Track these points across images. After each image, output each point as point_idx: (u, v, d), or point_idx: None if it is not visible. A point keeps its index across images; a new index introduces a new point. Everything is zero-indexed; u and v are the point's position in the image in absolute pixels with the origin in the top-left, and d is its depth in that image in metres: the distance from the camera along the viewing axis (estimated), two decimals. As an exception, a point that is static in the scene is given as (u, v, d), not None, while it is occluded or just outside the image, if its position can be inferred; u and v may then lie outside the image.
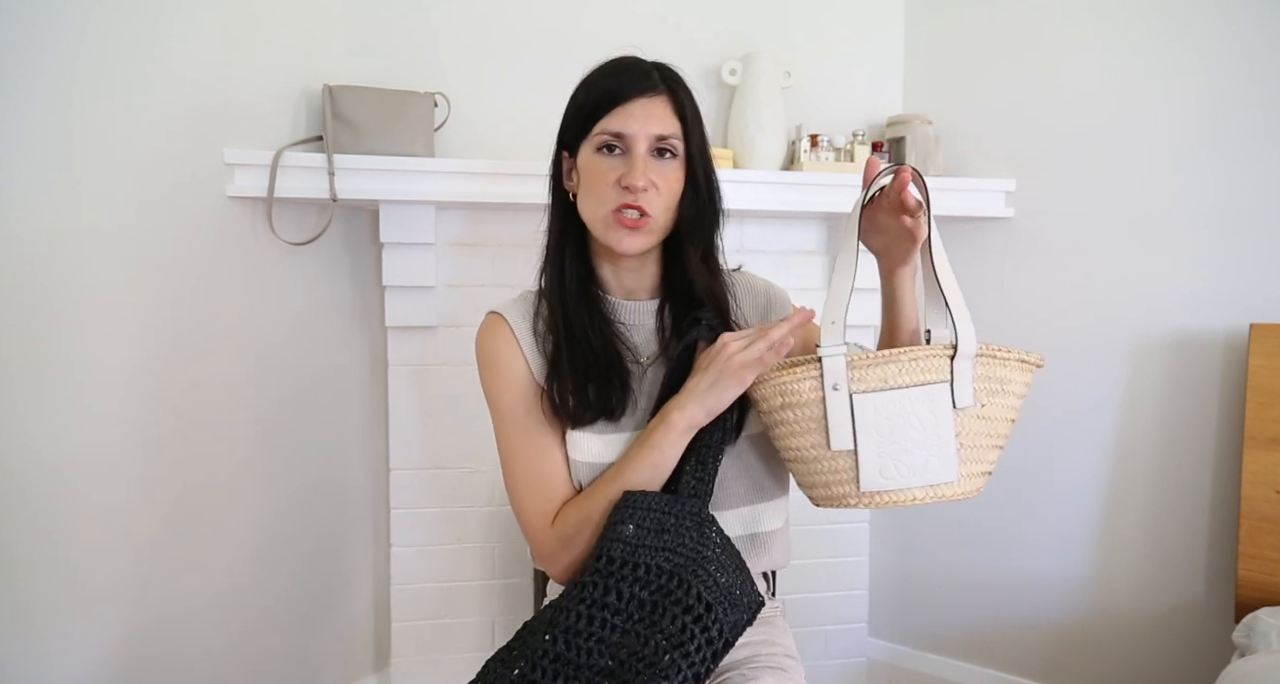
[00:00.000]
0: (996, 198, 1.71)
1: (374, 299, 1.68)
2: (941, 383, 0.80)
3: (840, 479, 0.82)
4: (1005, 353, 0.82)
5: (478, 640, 1.69)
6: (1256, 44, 1.46)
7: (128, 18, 1.27)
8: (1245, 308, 1.47)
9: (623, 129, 0.89)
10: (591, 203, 0.91)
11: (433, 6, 1.64)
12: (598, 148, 0.90)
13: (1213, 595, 1.52)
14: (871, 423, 0.80)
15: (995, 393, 0.82)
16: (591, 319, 0.94)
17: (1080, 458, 1.66)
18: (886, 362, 0.79)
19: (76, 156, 1.21)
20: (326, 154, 1.45)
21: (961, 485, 0.82)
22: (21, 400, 1.17)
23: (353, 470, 1.69)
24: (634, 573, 0.81)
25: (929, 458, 0.80)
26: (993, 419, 0.82)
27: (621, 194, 0.89)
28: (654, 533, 0.83)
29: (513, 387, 0.94)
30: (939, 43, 1.81)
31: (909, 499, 0.81)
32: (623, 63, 0.93)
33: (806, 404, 0.81)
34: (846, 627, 1.85)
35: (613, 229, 0.90)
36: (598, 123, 0.90)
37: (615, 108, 0.89)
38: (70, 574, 1.24)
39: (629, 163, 0.89)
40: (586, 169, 0.91)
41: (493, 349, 0.96)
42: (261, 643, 1.54)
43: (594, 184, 0.90)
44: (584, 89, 0.93)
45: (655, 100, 0.90)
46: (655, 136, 0.90)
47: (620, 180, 0.89)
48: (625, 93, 0.89)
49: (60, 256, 1.20)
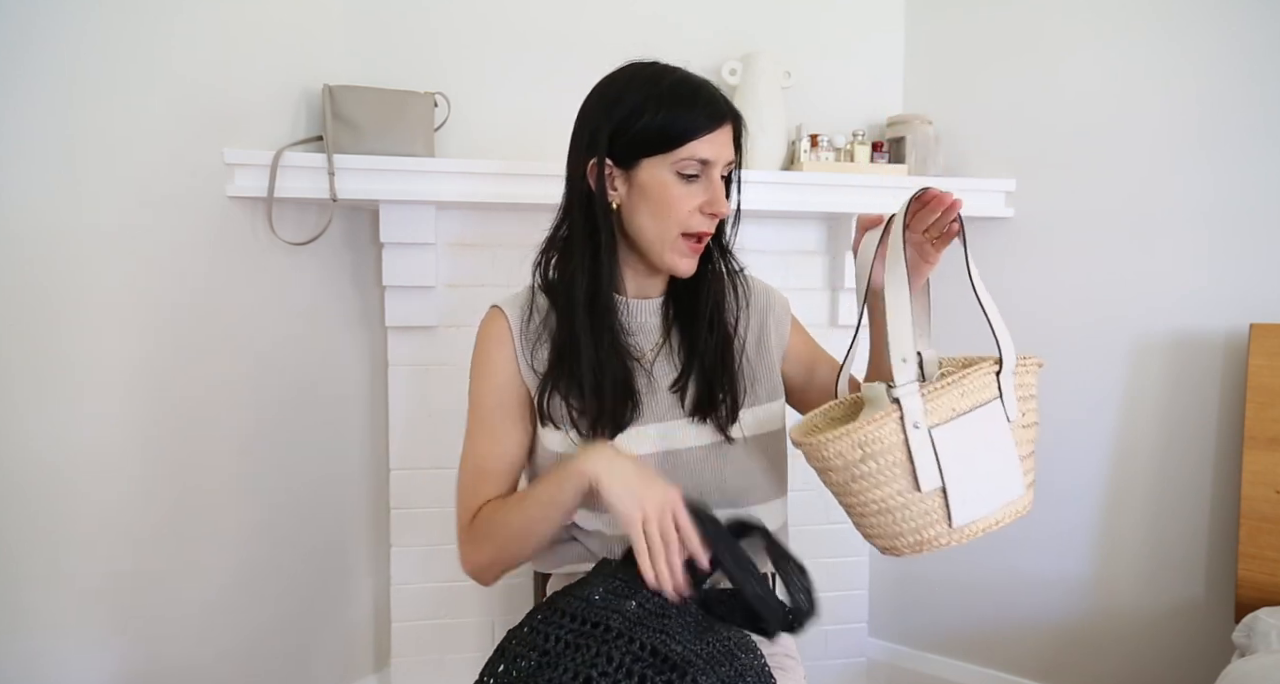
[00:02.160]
0: (996, 198, 1.71)
1: (374, 299, 1.68)
2: (994, 400, 0.80)
3: (931, 520, 0.79)
4: (1027, 360, 0.83)
5: (478, 640, 1.69)
6: (1257, 44, 1.46)
7: (128, 18, 1.26)
8: (1245, 308, 1.47)
9: (711, 157, 0.89)
10: (660, 223, 0.91)
11: (433, 6, 1.64)
12: (679, 172, 0.89)
13: (1213, 595, 1.52)
14: (954, 454, 0.78)
15: (1025, 399, 0.83)
16: (602, 328, 0.93)
17: (1080, 458, 1.66)
18: (948, 389, 0.78)
19: (76, 156, 1.21)
20: (326, 154, 1.45)
21: (1026, 498, 0.82)
22: (21, 400, 1.17)
23: (353, 470, 1.69)
24: (628, 646, 0.76)
25: (1001, 477, 0.80)
26: (1029, 426, 0.83)
27: (705, 221, 0.91)
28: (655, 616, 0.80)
29: (493, 382, 0.96)
30: (939, 43, 1.81)
31: (993, 524, 0.80)
32: (701, 86, 0.91)
33: (889, 450, 0.78)
34: (846, 627, 1.85)
35: (680, 254, 0.92)
36: (683, 146, 0.88)
37: (705, 135, 0.88)
38: (70, 574, 1.23)
39: (711, 191, 0.90)
40: (661, 189, 0.89)
41: (486, 343, 0.97)
42: (261, 643, 1.54)
43: (669, 207, 0.90)
44: (656, 107, 0.88)
45: (729, 129, 0.92)
46: (727, 163, 0.92)
47: (704, 208, 0.90)
48: (713, 122, 0.89)
49: (60, 256, 1.20)
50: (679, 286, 1.00)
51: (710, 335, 0.97)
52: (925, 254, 0.88)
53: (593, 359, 0.92)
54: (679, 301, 1.00)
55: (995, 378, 0.80)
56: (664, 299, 1.01)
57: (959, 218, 0.83)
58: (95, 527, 1.26)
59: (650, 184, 0.90)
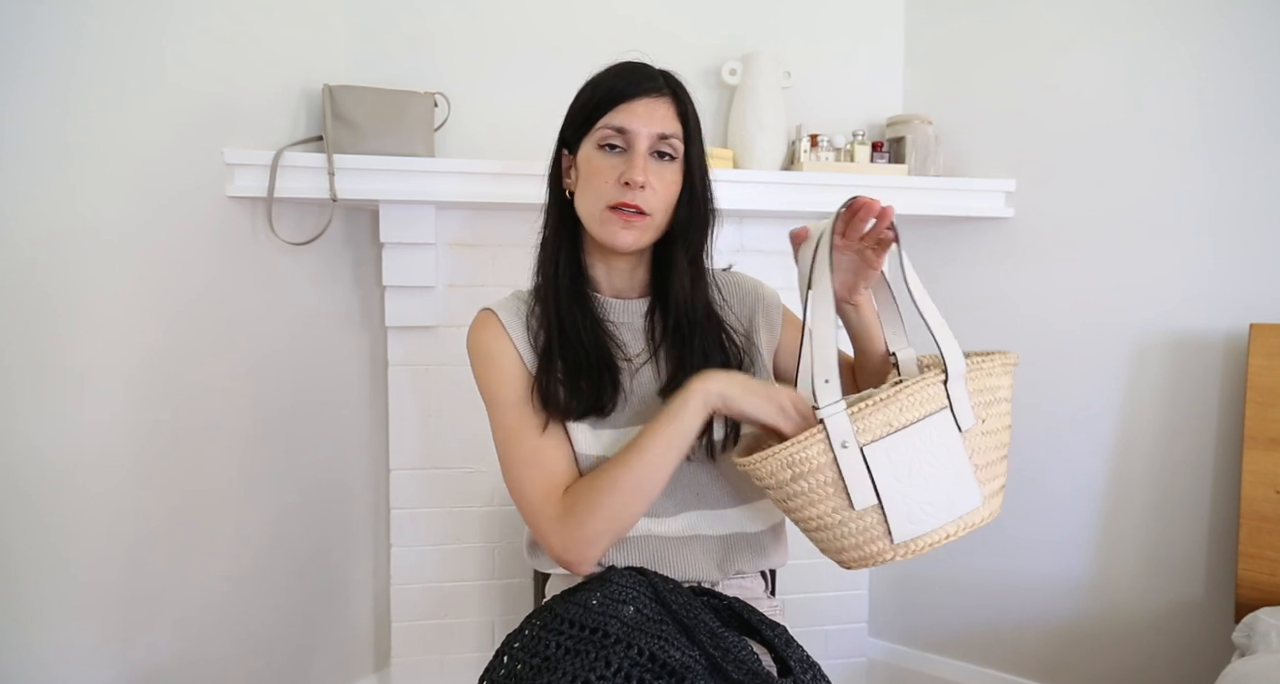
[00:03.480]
0: (996, 198, 1.71)
1: (374, 299, 1.68)
2: (942, 410, 0.77)
3: (871, 537, 0.78)
4: (988, 362, 0.80)
5: (478, 640, 1.69)
6: (1257, 44, 1.45)
7: (127, 18, 1.26)
8: (1245, 308, 1.47)
9: (625, 125, 0.89)
10: (589, 198, 0.91)
11: (432, 7, 1.64)
12: (599, 144, 0.90)
13: (1213, 595, 1.52)
14: (889, 471, 0.76)
15: (989, 403, 0.80)
16: (583, 316, 0.95)
17: (1080, 458, 1.66)
18: (885, 405, 0.76)
19: (76, 157, 1.21)
20: (326, 154, 1.45)
21: (986, 508, 0.79)
22: (22, 400, 1.17)
23: (353, 471, 1.69)
24: (626, 651, 0.76)
25: (950, 490, 0.77)
26: (995, 431, 0.81)
27: (621, 191, 0.89)
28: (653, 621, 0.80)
29: (506, 375, 0.94)
30: (939, 43, 1.81)
31: (943, 538, 0.78)
32: (629, 64, 0.94)
33: (818, 470, 0.77)
34: (846, 627, 1.85)
35: (609, 223, 0.90)
36: (600, 118, 0.90)
37: (619, 104, 0.89)
38: (70, 574, 1.23)
39: (629, 160, 0.89)
40: (586, 165, 0.91)
41: (484, 342, 0.96)
42: (262, 643, 1.54)
43: (592, 179, 0.90)
44: (589, 88, 0.93)
45: (659, 101, 0.91)
46: (657, 135, 0.90)
47: (621, 177, 0.89)
48: (630, 91, 0.90)
49: (60, 257, 1.20)
50: (662, 290, 0.98)
51: (696, 338, 0.96)
52: (868, 260, 0.88)
53: (573, 343, 0.93)
54: (663, 305, 0.99)
55: (943, 387, 0.77)
56: (649, 303, 1.00)
57: (893, 224, 0.83)
58: (95, 526, 1.26)
59: (583, 162, 0.92)
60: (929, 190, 1.67)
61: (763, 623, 0.87)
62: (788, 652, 0.83)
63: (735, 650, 0.79)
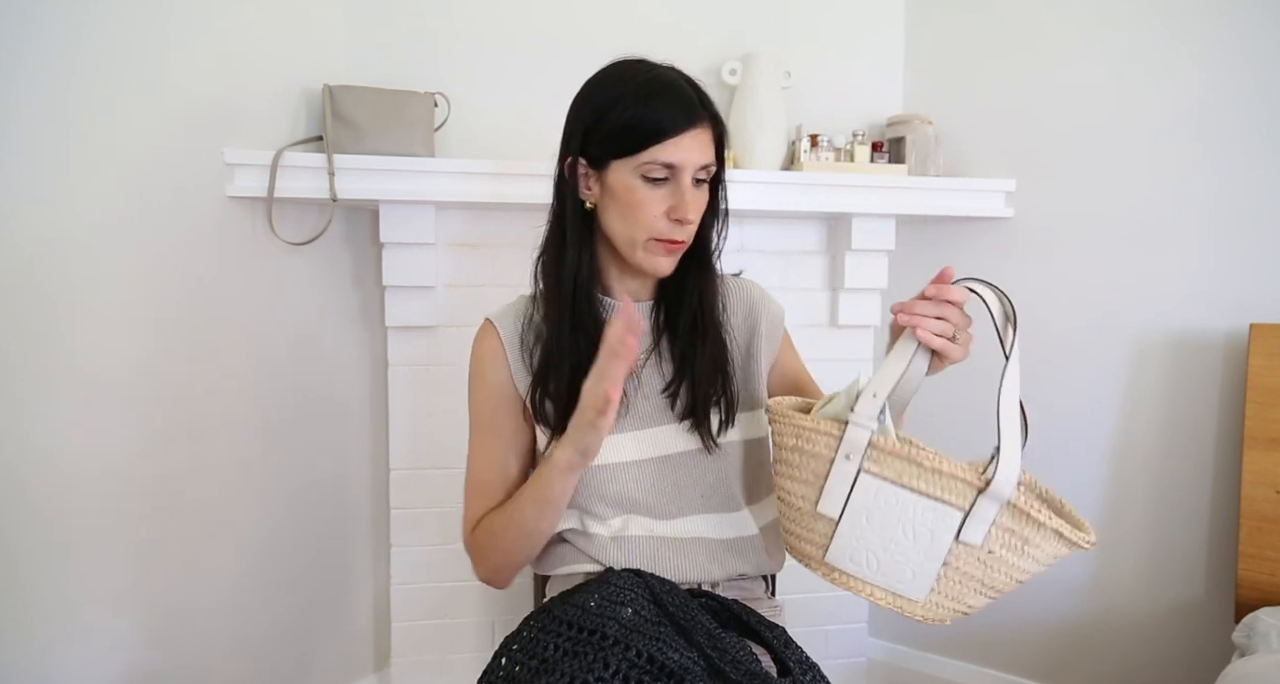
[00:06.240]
0: (996, 198, 1.71)
1: (374, 299, 1.68)
2: (957, 509, 0.73)
3: (812, 539, 0.80)
4: (1044, 516, 0.72)
5: (478, 640, 1.69)
6: (1257, 43, 1.45)
7: (127, 18, 1.26)
8: (1245, 308, 1.47)
9: (674, 161, 0.86)
10: (629, 225, 0.89)
11: (432, 7, 1.64)
12: (644, 176, 0.87)
13: (1213, 595, 1.52)
14: (864, 506, 0.76)
15: (1011, 548, 0.74)
16: (593, 325, 0.93)
17: (1080, 458, 1.66)
18: (911, 459, 0.73)
19: (77, 157, 1.21)
20: (326, 154, 1.45)
21: (925, 609, 0.77)
22: (23, 402, 1.17)
23: (353, 471, 1.69)
24: (624, 654, 0.76)
25: (905, 568, 0.76)
26: (995, 570, 0.75)
27: (671, 227, 0.89)
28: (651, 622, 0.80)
29: (487, 394, 0.98)
30: (939, 43, 1.81)
31: (867, 593, 0.78)
32: (669, 86, 0.88)
33: (816, 457, 0.78)
34: (846, 627, 1.84)
35: (653, 254, 0.90)
36: (646, 150, 0.86)
37: (668, 139, 0.86)
38: (71, 575, 1.23)
39: (678, 195, 0.88)
40: (627, 193, 0.88)
41: (479, 357, 0.99)
42: (261, 643, 1.54)
43: (636, 210, 0.88)
44: (623, 107, 0.87)
45: (703, 131, 0.89)
46: (700, 166, 0.89)
47: (670, 213, 0.88)
48: (679, 125, 0.86)
49: (60, 257, 1.20)
50: (668, 290, 0.99)
51: (701, 340, 0.96)
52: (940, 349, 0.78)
53: (573, 356, 0.91)
54: (669, 305, 0.99)
55: (975, 493, 0.72)
56: (653, 303, 1.00)
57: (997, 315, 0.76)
58: (96, 526, 1.26)
59: (618, 187, 0.89)
60: (929, 190, 1.67)
61: (761, 624, 0.87)
62: (786, 653, 0.83)
63: (733, 651, 0.79)
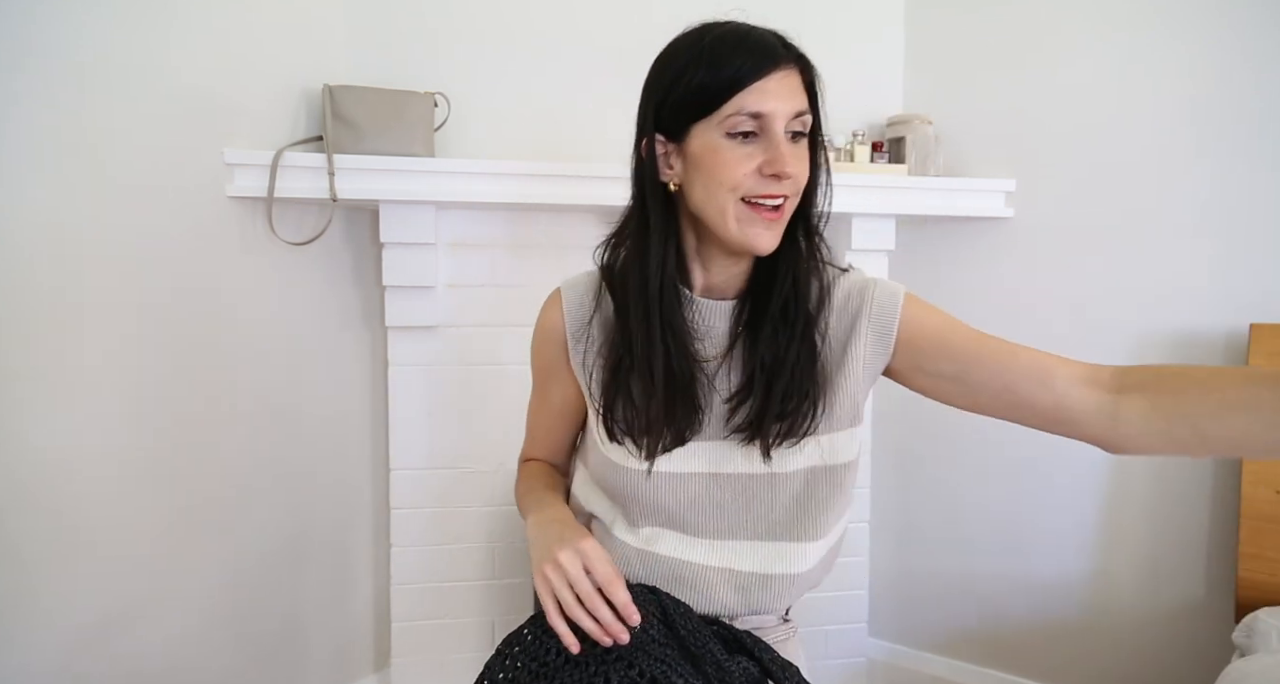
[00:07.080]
0: (996, 198, 1.71)
1: (374, 299, 1.68)
2: None
3: None
4: None
5: (478, 640, 1.69)
6: (1257, 44, 1.45)
7: (127, 18, 1.26)
8: (1245, 308, 1.47)
9: (762, 108, 0.75)
10: (716, 192, 0.78)
11: (432, 7, 1.64)
12: (728, 132, 0.76)
13: (1213, 595, 1.52)
14: None
15: None
16: (671, 325, 0.83)
17: (1080, 458, 1.66)
18: None
19: (76, 157, 1.21)
20: (326, 154, 1.45)
21: None
22: (23, 402, 1.17)
23: (353, 471, 1.69)
24: None
25: None
26: None
27: (766, 183, 0.77)
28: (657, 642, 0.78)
29: (539, 365, 0.99)
30: (939, 43, 1.81)
31: None
32: (743, 35, 0.78)
33: None
34: (846, 627, 1.84)
35: (749, 224, 0.78)
36: (727, 102, 0.75)
37: (751, 84, 0.75)
38: (70, 574, 1.23)
39: (770, 147, 0.77)
40: (712, 155, 0.77)
41: (541, 327, 0.97)
42: (262, 642, 1.54)
43: (720, 171, 0.77)
44: (698, 65, 0.77)
45: (789, 75, 0.78)
46: (793, 114, 0.78)
47: (764, 168, 0.77)
48: (762, 68, 0.76)
49: (60, 257, 1.20)
50: (758, 286, 0.86)
51: (788, 339, 0.83)
52: None
53: (651, 362, 0.82)
54: (755, 302, 0.86)
55: None
56: (738, 301, 0.87)
57: None
58: (96, 526, 1.26)
59: (701, 153, 0.78)
60: (929, 190, 1.67)
61: (774, 663, 0.82)
62: None
63: (741, 675, 0.77)
